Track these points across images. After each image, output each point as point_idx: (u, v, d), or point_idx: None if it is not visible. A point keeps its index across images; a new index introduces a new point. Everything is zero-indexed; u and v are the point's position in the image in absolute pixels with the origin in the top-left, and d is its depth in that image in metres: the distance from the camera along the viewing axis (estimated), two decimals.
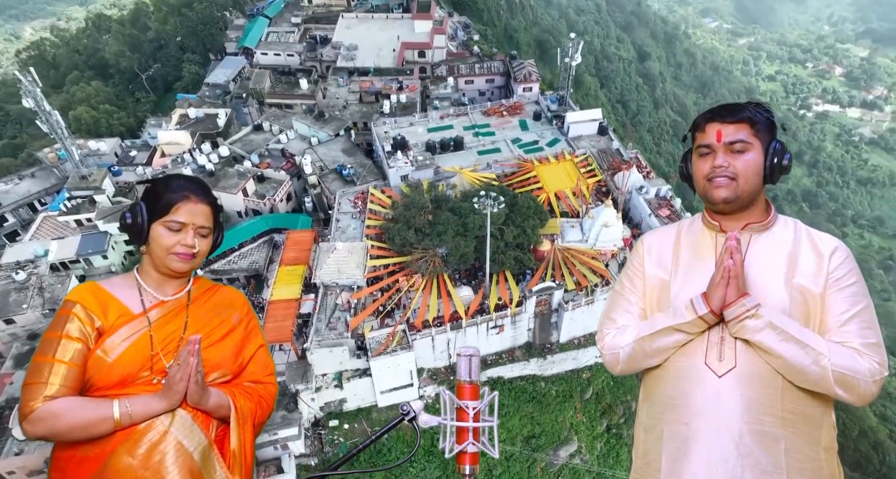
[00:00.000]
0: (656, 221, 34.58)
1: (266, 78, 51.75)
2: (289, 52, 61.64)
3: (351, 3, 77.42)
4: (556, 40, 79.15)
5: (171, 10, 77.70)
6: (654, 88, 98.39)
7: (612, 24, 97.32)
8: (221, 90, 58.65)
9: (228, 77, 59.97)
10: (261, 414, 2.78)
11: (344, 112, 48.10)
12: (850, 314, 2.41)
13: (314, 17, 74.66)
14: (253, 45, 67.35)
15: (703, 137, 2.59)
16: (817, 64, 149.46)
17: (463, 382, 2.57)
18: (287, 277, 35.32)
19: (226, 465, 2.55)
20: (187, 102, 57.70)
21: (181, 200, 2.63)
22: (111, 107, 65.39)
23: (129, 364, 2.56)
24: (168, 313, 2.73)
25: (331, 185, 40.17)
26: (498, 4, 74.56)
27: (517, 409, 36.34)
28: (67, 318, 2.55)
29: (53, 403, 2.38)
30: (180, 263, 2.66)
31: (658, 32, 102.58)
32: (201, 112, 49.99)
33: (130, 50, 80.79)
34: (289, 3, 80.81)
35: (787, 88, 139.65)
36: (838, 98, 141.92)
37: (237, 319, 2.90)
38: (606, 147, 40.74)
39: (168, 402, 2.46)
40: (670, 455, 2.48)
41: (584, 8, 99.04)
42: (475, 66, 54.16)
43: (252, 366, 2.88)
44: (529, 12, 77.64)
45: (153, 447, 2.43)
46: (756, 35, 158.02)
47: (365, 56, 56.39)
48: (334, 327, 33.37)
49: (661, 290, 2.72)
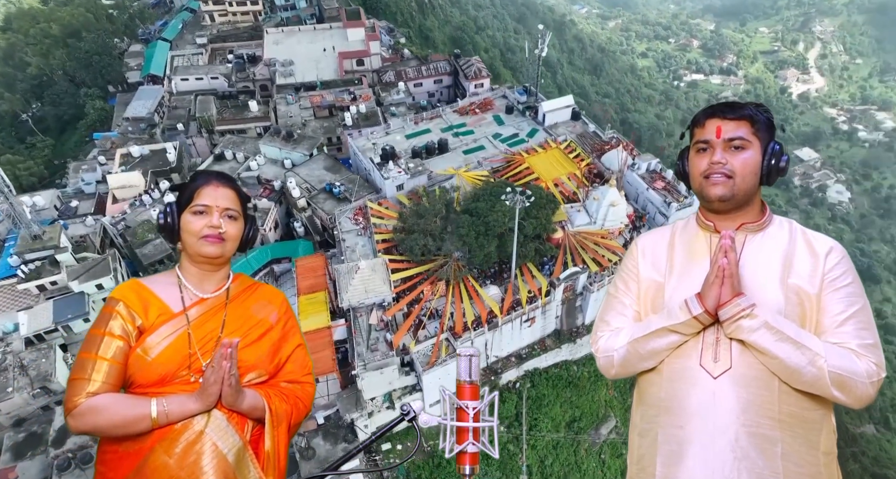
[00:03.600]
0: (654, 195, 36.76)
1: (211, 104, 48.43)
2: (212, 74, 58.09)
3: (259, 19, 74.39)
4: (469, 37, 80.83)
5: (54, 42, 69.97)
6: (556, 73, 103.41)
7: (508, 17, 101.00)
8: (146, 123, 54.13)
9: (150, 109, 55.53)
10: (297, 415, 2.78)
11: (305, 129, 46.22)
12: (847, 315, 2.40)
13: (221, 36, 71.00)
14: (160, 72, 62.87)
15: (702, 133, 2.58)
16: (678, 39, 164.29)
17: (463, 382, 2.56)
18: (310, 306, 33.62)
19: (260, 466, 2.56)
20: (109, 140, 52.86)
21: (203, 185, 2.73)
22: (13, 157, 57.89)
23: (169, 363, 2.59)
24: (207, 312, 2.76)
25: (323, 205, 38.63)
26: (409, 6, 74.77)
27: (556, 396, 37.23)
28: (111, 315, 2.60)
29: (95, 399, 2.43)
30: (210, 246, 2.69)
31: (548, 21, 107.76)
32: (146, 149, 45.87)
33: (8, 90, 71.92)
34: (186, 24, 76.06)
35: (658, 63, 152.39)
36: (701, 68, 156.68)
37: (275, 318, 2.90)
38: (583, 131, 42.56)
39: (203, 403, 2.50)
40: (665, 459, 2.45)
41: (481, 3, 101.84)
42: (422, 68, 54.15)
43: (289, 366, 2.88)
44: (440, 12, 78.59)
45: (189, 446, 2.45)
46: (622, 17, 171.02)
47: (304, 70, 54.50)
48: (376, 348, 32.36)
49: (656, 291, 2.71)
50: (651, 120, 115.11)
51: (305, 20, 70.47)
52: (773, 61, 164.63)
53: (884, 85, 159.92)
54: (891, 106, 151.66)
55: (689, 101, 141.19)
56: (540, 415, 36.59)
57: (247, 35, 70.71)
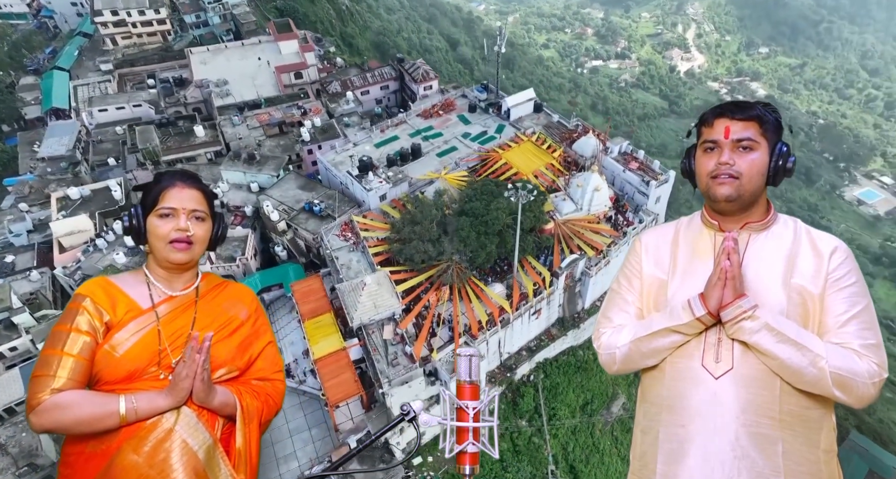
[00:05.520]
0: (632, 175, 38.16)
1: (153, 134, 44.91)
2: (134, 102, 54.03)
3: (168, 39, 70.06)
4: (392, 41, 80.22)
5: None
6: (473, 70, 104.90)
7: (419, 19, 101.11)
8: (67, 162, 49.60)
9: (68, 145, 50.93)
10: (267, 412, 2.78)
11: (261, 150, 44.00)
12: (850, 315, 2.41)
13: (128, 61, 66.42)
14: (64, 105, 58.03)
15: (711, 133, 2.58)
16: (573, 29, 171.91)
17: (463, 382, 2.58)
18: (318, 330, 32.17)
19: (231, 463, 2.55)
20: (26, 185, 48.05)
21: (168, 186, 2.68)
22: None
23: (137, 359, 2.56)
24: (177, 309, 2.73)
25: (306, 225, 36.97)
26: (328, 14, 73.16)
27: (569, 383, 37.85)
28: (77, 311, 2.55)
29: (60, 395, 2.37)
30: (178, 253, 2.65)
31: (457, 20, 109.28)
32: (86, 189, 41.87)
33: None
34: (84, 49, 70.40)
35: (560, 52, 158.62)
36: (599, 54, 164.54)
37: (245, 315, 2.89)
38: (548, 122, 43.43)
39: (173, 399, 2.46)
40: (666, 457, 2.49)
41: (392, 6, 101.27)
42: (367, 75, 53.10)
43: (260, 363, 2.87)
44: (359, 18, 77.43)
45: (158, 444, 2.42)
46: (519, 12, 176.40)
47: (241, 89, 51.85)
48: (396, 362, 31.44)
49: (659, 289, 2.73)
50: (565, 107, 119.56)
51: (221, 37, 67.13)
52: (658, 43, 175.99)
53: (750, 58, 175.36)
54: (760, 76, 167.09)
55: (594, 86, 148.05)
56: (557, 404, 37.06)
57: (158, 57, 66.46)
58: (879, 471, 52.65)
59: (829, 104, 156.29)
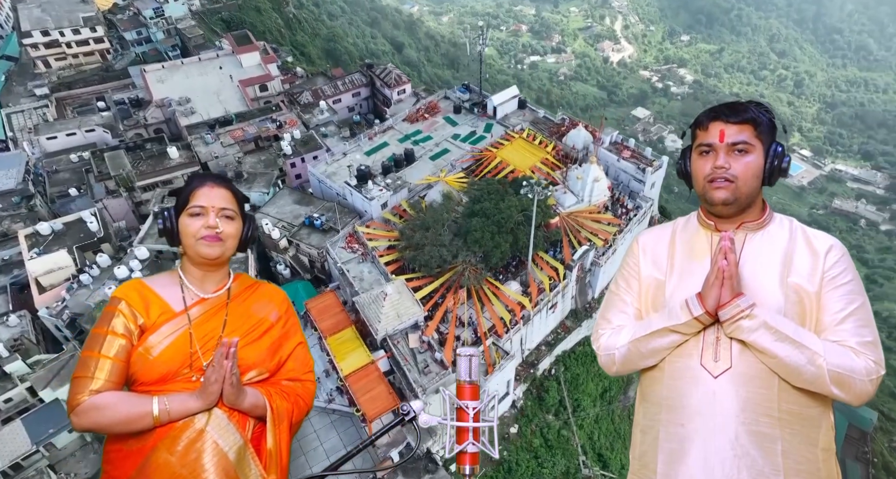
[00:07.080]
0: (627, 164, 38.94)
1: (124, 159, 42.20)
2: (86, 127, 50.79)
3: (108, 58, 66.36)
4: (343, 47, 78.84)
5: None
6: (420, 72, 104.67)
7: (361, 23, 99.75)
8: (19, 196, 46.23)
9: (17, 178, 47.57)
10: (298, 413, 2.81)
11: (243, 166, 42.25)
12: (846, 313, 2.41)
13: (65, 83, 62.62)
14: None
15: (706, 136, 2.59)
16: (508, 26, 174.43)
17: (463, 382, 2.58)
18: (342, 346, 31.13)
19: (262, 464, 2.59)
20: None
21: (199, 186, 2.75)
22: None
23: (170, 362, 2.62)
24: (208, 311, 2.78)
25: (309, 240, 35.74)
26: (276, 23, 71.20)
27: (587, 373, 38.22)
28: (114, 314, 2.63)
29: (98, 396, 2.46)
30: (208, 247, 2.70)
31: (399, 22, 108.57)
32: (57, 223, 38.88)
33: None
34: (11, 73, 65.95)
35: (499, 50, 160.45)
36: (535, 50, 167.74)
37: (276, 316, 2.92)
38: (535, 118, 43.72)
39: (204, 402, 2.52)
40: (666, 457, 2.49)
41: (334, 13, 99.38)
42: (337, 83, 51.91)
43: (290, 364, 2.91)
44: (307, 26, 75.69)
45: (190, 444, 2.47)
46: (452, 11, 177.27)
47: (206, 106, 49.72)
48: (428, 370, 30.84)
49: (656, 290, 2.74)
50: None
51: (167, 53, 64.22)
52: (590, 36, 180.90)
53: (674, 46, 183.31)
54: (686, 63, 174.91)
55: (536, 80, 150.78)
56: (579, 394, 37.36)
57: (98, 78, 62.98)
58: (858, 423, 56.05)
59: (748, 86, 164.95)
